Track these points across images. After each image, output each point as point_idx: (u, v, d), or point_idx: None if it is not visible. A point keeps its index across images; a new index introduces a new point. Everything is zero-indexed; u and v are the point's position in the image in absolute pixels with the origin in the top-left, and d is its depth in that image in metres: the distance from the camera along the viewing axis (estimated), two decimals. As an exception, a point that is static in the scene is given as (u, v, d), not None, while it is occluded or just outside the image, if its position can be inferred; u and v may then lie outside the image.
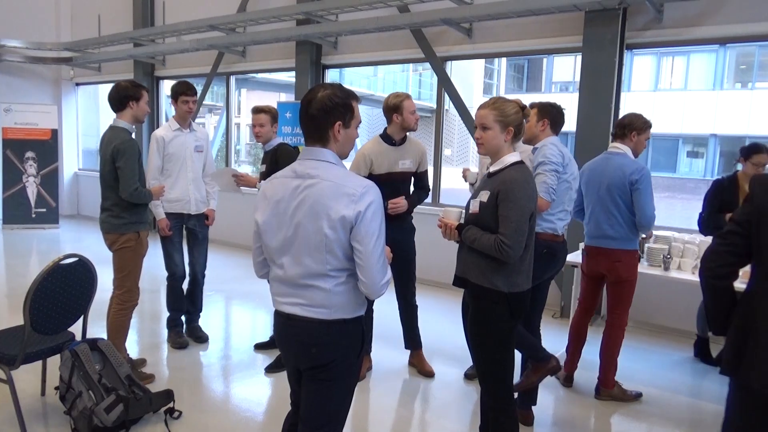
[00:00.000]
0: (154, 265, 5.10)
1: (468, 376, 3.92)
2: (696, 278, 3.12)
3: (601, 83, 5.11)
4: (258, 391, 3.74)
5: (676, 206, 17.23)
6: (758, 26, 4.63)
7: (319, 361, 1.97)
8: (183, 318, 4.46)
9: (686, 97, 21.85)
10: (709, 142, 22.22)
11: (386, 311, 4.20)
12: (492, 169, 2.43)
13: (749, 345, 1.78)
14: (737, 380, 1.81)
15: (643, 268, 4.00)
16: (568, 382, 3.90)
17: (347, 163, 2.23)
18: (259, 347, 4.37)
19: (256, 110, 3.96)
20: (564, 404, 3.68)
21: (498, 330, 2.38)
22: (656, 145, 23.65)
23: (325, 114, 1.91)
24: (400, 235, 3.74)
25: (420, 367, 4.01)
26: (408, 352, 4.12)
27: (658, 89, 22.86)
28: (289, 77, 8.42)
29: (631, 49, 5.44)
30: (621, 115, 5.19)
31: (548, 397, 3.73)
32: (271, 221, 1.97)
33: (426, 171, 3.90)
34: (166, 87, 9.65)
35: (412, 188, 3.87)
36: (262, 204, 2.01)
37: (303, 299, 1.95)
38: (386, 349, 4.36)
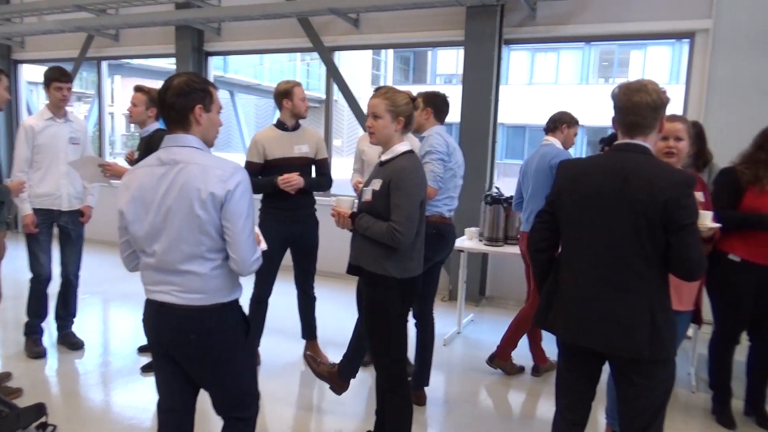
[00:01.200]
0: (18, 268, 4.63)
1: (364, 363, 3.97)
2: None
3: (481, 76, 5.36)
4: (143, 396, 3.53)
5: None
6: (617, 26, 5.10)
7: (202, 348, 1.96)
8: (44, 325, 4.11)
9: (557, 90, 23.53)
10: (578, 132, 24.16)
11: (279, 305, 4.14)
12: (383, 158, 2.48)
13: (554, 302, 2.09)
14: (545, 329, 2.15)
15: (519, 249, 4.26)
16: (536, 372, 4.02)
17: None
18: (144, 350, 4.13)
19: (135, 89, 3.80)
20: (455, 383, 3.86)
21: (391, 314, 2.45)
22: (531, 136, 25.31)
23: (183, 98, 1.91)
24: (302, 230, 3.76)
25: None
26: (304, 343, 4.10)
27: (533, 83, 24.44)
28: (170, 64, 7.97)
29: (509, 44, 5.76)
30: (498, 107, 5.54)
31: (440, 377, 3.89)
32: (138, 210, 1.93)
33: (326, 159, 3.91)
34: (26, 72, 8.76)
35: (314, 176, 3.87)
36: (125, 195, 1.96)
37: (177, 286, 1.94)
38: (280, 343, 4.30)
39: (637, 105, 1.95)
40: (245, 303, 3.49)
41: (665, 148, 2.48)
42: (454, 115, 5.40)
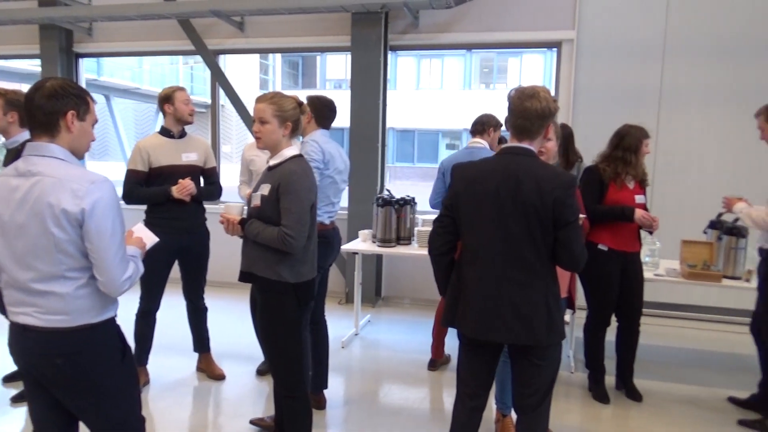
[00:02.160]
0: None
1: (260, 372, 3.90)
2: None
3: (369, 81, 5.46)
4: (16, 429, 3.22)
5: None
6: (494, 35, 5.42)
7: (70, 373, 1.80)
8: None
9: (443, 95, 24.52)
10: (463, 135, 25.26)
11: (168, 318, 3.95)
12: (272, 162, 2.46)
13: (459, 302, 2.20)
14: (454, 328, 2.26)
15: (414, 249, 4.41)
16: (432, 366, 4.09)
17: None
18: (10, 379, 3.75)
19: None
20: (355, 384, 3.89)
21: (287, 320, 2.43)
22: (420, 139, 26.14)
23: (55, 101, 1.75)
24: (193, 240, 3.63)
25: (209, 371, 3.87)
26: (196, 357, 3.94)
27: (420, 88, 25.26)
28: (34, 65, 7.31)
29: (394, 50, 5.93)
30: (386, 112, 5.67)
31: (339, 379, 3.91)
32: None
33: (215, 167, 3.78)
34: None
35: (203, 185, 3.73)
36: None
37: (38, 307, 1.77)
38: (170, 358, 4.10)
39: (528, 111, 2.10)
40: (128, 318, 3.32)
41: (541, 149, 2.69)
42: (344, 119, 5.49)
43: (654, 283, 3.83)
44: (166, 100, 3.51)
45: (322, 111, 3.35)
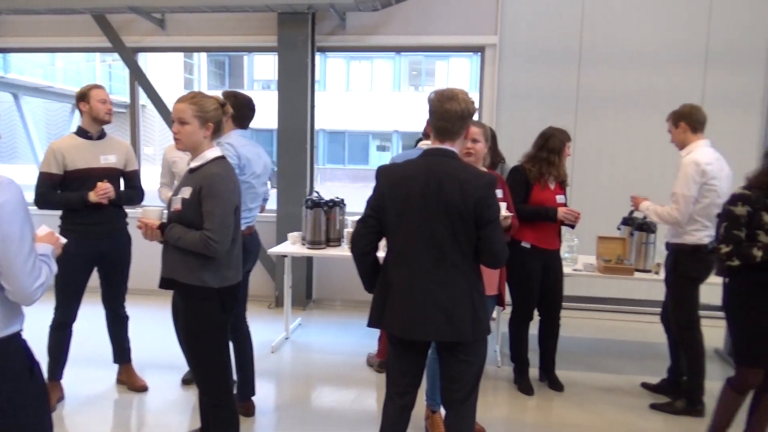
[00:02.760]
0: None
1: (185, 382, 3.77)
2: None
3: (297, 82, 5.41)
4: None
5: (368, 194, 19.34)
6: (420, 38, 5.50)
7: None
8: None
9: (372, 97, 24.66)
10: (393, 137, 25.52)
11: (84, 329, 3.75)
12: (193, 165, 2.38)
13: (387, 302, 2.23)
14: (382, 329, 2.29)
15: (344, 250, 4.40)
16: (382, 368, 4.04)
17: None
18: None
19: None
20: (286, 389, 3.84)
21: (211, 326, 2.36)
22: (351, 140, 26.16)
23: None
24: (113, 246, 3.45)
25: (131, 383, 3.69)
26: (116, 368, 3.75)
27: (349, 90, 25.28)
28: (-71, 60, 6.73)
29: (323, 51, 5.90)
30: (314, 113, 5.64)
31: (269, 385, 3.84)
32: None
33: (137, 171, 3.61)
34: None
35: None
36: None
37: None
38: (87, 371, 3.89)
39: (448, 112, 2.14)
40: (41, 329, 3.11)
41: (464, 149, 2.75)
42: (272, 121, 5.41)
43: (573, 278, 4.01)
44: (81, 98, 3.34)
45: (240, 109, 3.14)
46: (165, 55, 14.93)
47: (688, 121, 3.39)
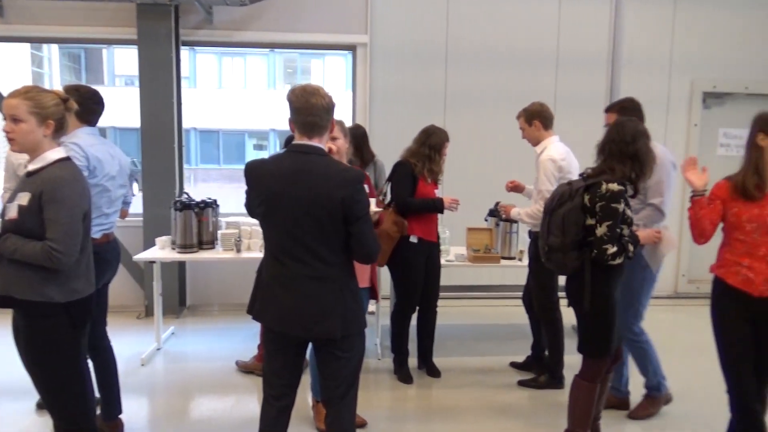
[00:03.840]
0: None
1: (40, 406, 3.41)
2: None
3: (160, 78, 5.11)
4: None
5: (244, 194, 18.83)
6: (291, 36, 5.44)
7: None
8: None
9: (247, 95, 23.99)
10: (270, 135, 25.05)
11: None
12: (31, 167, 2.15)
13: (258, 295, 2.25)
14: (254, 319, 2.27)
15: (218, 253, 4.24)
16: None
17: None
18: None
19: None
20: (159, 402, 3.63)
21: (60, 346, 2.16)
22: (225, 140, 25.27)
23: None
24: None
25: (-25, 413, 3.28)
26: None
27: (222, 87, 24.39)
28: None
29: (190, 46, 5.63)
30: (182, 111, 5.37)
31: (141, 400, 3.61)
32: None
33: None
34: None
35: None
36: None
37: None
38: None
39: (315, 107, 2.13)
40: None
41: (328, 145, 2.75)
42: (137, 119, 5.06)
43: (446, 268, 4.20)
44: None
45: (84, 104, 2.79)
46: (5, 45, 13.40)
47: (541, 118, 3.67)
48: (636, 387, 3.48)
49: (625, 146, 2.60)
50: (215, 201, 4.46)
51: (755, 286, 2.40)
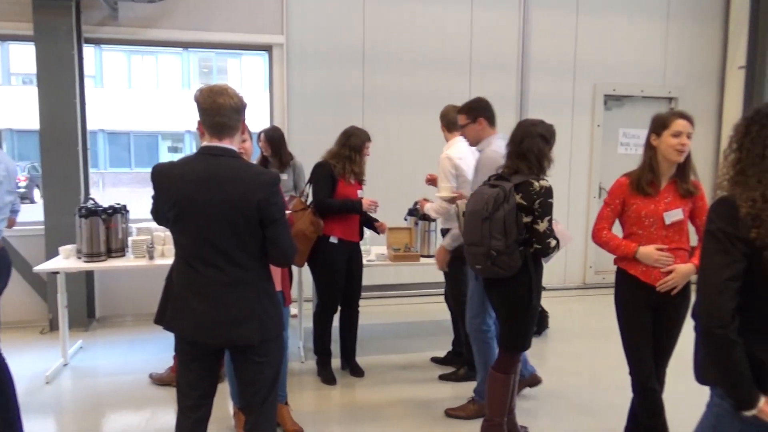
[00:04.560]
0: None
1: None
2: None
3: (60, 76, 4.80)
4: None
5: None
6: (203, 35, 5.28)
7: None
8: None
9: (159, 95, 23.01)
10: (185, 137, 24.17)
11: None
12: None
13: (169, 303, 2.20)
14: (165, 328, 2.20)
15: (129, 261, 4.05)
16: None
17: None
18: None
19: None
20: (68, 421, 3.41)
21: None
22: (137, 142, 24.12)
23: None
24: None
25: None
26: None
27: (132, 87, 23.25)
28: None
29: (95, 43, 5.34)
30: (86, 111, 5.09)
31: (46, 421, 3.38)
32: None
33: None
34: None
35: None
36: None
37: None
38: None
39: (223, 107, 2.07)
40: None
41: (240, 146, 2.68)
42: (33, 120, 4.72)
43: (368, 267, 4.23)
44: None
45: None
46: None
47: (453, 121, 3.80)
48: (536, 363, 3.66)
49: (516, 146, 2.75)
50: (124, 206, 4.26)
51: (653, 276, 2.58)
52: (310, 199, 3.81)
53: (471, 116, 3.32)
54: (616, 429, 2.98)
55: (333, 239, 3.74)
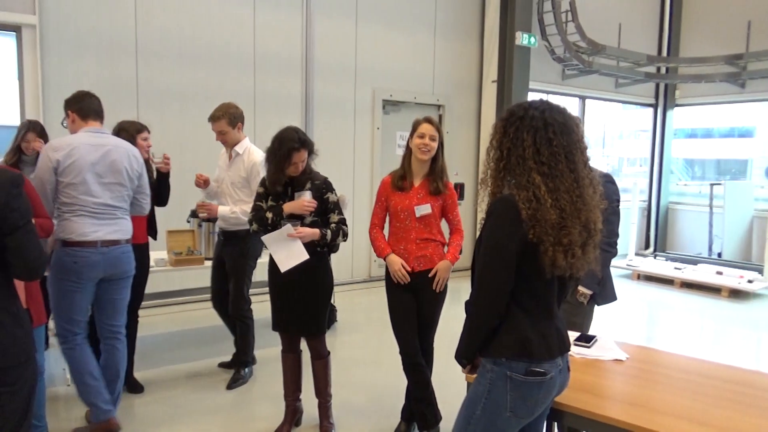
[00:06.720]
0: None
1: None
2: None
3: None
4: None
5: None
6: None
7: None
8: None
9: None
10: None
11: None
12: None
13: None
14: None
15: None
16: None
17: None
18: None
19: None
20: None
21: None
22: None
23: None
24: None
25: None
26: None
27: None
28: None
29: None
30: None
31: None
32: None
33: None
34: None
35: None
36: None
37: None
38: None
39: None
40: None
41: None
42: None
43: (149, 274, 3.93)
44: None
45: None
46: None
47: (242, 120, 3.82)
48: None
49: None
50: None
51: (409, 263, 2.91)
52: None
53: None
54: (397, 406, 3.26)
55: None
